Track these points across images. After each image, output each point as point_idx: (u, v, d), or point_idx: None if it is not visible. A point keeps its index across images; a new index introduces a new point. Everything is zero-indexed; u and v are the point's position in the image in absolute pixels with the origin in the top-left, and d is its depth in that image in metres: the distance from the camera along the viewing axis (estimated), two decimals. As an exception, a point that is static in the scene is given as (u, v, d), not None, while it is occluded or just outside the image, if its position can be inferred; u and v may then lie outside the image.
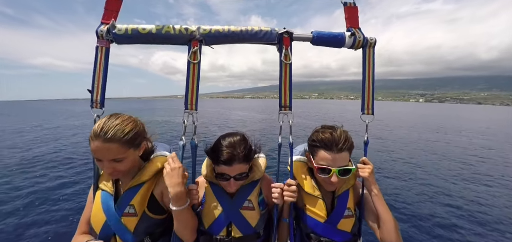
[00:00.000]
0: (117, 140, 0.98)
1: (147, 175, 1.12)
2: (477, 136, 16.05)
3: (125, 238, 1.08)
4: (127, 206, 1.09)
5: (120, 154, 1.00)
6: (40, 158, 8.75)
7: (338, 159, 1.12)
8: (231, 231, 1.20)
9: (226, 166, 1.11)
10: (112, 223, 1.08)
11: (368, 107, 1.25)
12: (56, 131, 15.89)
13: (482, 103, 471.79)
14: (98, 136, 0.96)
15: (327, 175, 1.14)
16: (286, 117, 1.18)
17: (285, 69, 1.15)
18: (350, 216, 1.23)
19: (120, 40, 1.08)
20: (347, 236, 1.23)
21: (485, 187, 6.37)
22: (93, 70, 1.10)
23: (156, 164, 1.16)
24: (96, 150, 0.97)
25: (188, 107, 1.10)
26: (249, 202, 1.22)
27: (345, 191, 1.25)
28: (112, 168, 1.00)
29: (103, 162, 0.99)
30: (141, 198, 1.11)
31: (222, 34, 1.11)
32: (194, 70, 1.10)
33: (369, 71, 1.24)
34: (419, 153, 10.68)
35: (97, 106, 1.10)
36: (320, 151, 1.16)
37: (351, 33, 1.19)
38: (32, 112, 37.83)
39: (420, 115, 39.60)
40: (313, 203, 1.25)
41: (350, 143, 1.15)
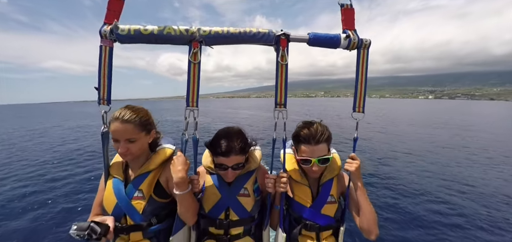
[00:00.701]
0: (132, 122, 1.18)
1: (154, 164, 1.28)
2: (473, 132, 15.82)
3: (135, 218, 1.25)
4: (136, 191, 1.26)
5: (134, 134, 1.19)
6: (66, 154, 9.96)
7: (316, 150, 1.27)
8: (229, 214, 1.34)
9: (224, 157, 1.24)
10: (123, 205, 1.25)
11: (359, 106, 1.31)
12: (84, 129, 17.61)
13: (494, 99, 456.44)
14: (117, 118, 1.17)
15: (309, 165, 1.29)
16: (281, 115, 1.25)
17: (281, 69, 1.20)
18: (333, 202, 1.37)
19: (123, 40, 1.13)
20: (331, 220, 1.38)
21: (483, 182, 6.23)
22: (99, 69, 1.16)
23: (161, 155, 1.33)
24: (115, 130, 1.16)
25: (189, 105, 1.17)
26: (245, 190, 1.36)
27: (329, 180, 1.39)
28: (126, 148, 1.18)
29: (120, 142, 1.17)
30: (148, 184, 1.27)
31: (221, 35, 1.16)
32: (195, 70, 1.16)
33: (362, 72, 1.27)
34: (414, 149, 10.81)
35: (104, 103, 1.18)
36: (300, 145, 1.32)
37: (346, 35, 1.22)
38: (48, 114, 39.23)
39: (418, 112, 38.47)
40: (300, 190, 1.40)
41: (327, 135, 1.30)
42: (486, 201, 5.47)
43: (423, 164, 8.58)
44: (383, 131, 16.67)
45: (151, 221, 1.28)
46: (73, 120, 26.29)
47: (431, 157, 9.51)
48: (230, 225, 1.34)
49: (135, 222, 1.25)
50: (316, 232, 1.37)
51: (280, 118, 1.25)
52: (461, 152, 10.50)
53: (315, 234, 1.37)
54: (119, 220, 1.26)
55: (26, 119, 29.92)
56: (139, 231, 1.26)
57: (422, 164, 8.57)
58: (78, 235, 1.04)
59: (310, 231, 1.37)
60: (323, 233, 1.37)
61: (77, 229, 1.04)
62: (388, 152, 10.36)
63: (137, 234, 1.26)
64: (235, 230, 1.36)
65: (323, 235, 1.38)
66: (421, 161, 8.91)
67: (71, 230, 1.04)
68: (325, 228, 1.37)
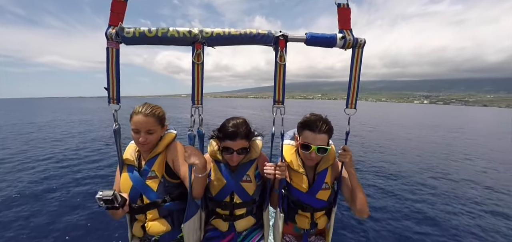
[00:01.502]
0: (153, 115, 1.38)
1: (161, 147, 1.45)
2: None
3: (150, 196, 1.41)
4: (150, 171, 1.42)
5: (154, 126, 1.38)
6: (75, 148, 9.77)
7: (318, 139, 1.42)
8: (233, 198, 1.53)
9: (231, 141, 1.42)
10: (139, 186, 1.40)
11: (352, 103, 1.37)
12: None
13: (487, 105, 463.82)
14: (140, 112, 1.35)
15: (308, 151, 1.44)
16: (279, 111, 1.32)
17: (279, 69, 1.25)
18: (327, 188, 1.55)
19: (128, 42, 1.17)
20: (324, 203, 1.57)
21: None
22: (107, 70, 1.20)
23: (166, 138, 1.50)
24: (137, 122, 1.34)
25: (195, 103, 1.24)
26: (247, 176, 1.54)
27: (324, 169, 1.56)
28: (146, 138, 1.35)
29: (140, 132, 1.34)
30: (159, 165, 1.43)
31: (222, 36, 1.21)
32: (198, 70, 1.21)
33: (356, 71, 1.32)
34: (400, 146, 11.59)
35: (114, 102, 1.24)
36: (305, 130, 1.47)
37: (342, 35, 1.26)
38: (47, 109, 38.62)
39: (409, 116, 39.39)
40: (298, 177, 1.57)
41: (329, 128, 1.45)
42: (456, 192, 5.98)
43: (406, 158, 9.47)
44: (373, 130, 17.56)
45: (165, 198, 1.43)
46: (76, 115, 26.14)
47: (412, 153, 10.33)
48: (235, 206, 1.54)
49: (151, 199, 1.40)
50: (311, 212, 1.58)
51: (278, 115, 1.33)
52: (442, 149, 11.43)
53: (310, 214, 1.58)
54: (135, 201, 1.41)
55: (27, 113, 29.48)
56: (154, 209, 1.42)
57: (404, 158, 9.45)
58: (103, 196, 1.19)
59: (305, 211, 1.58)
60: (317, 213, 1.59)
61: (103, 194, 1.19)
62: (376, 147, 10.93)
63: (153, 211, 1.42)
64: (239, 211, 1.56)
65: (317, 215, 1.59)
66: (405, 156, 9.79)
67: (97, 195, 1.20)
68: (319, 209, 1.58)
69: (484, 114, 64.19)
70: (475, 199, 5.51)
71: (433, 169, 7.89)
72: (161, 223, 1.43)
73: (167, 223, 1.45)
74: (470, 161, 9.43)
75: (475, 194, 5.81)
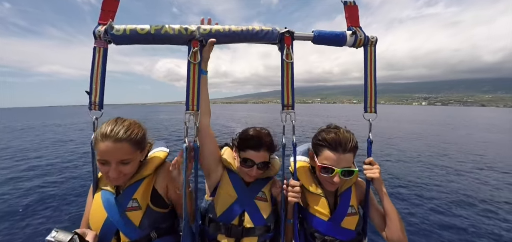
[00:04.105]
0: (127, 140, 0.99)
1: (148, 170, 1.12)
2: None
3: (130, 234, 1.04)
4: (130, 200, 1.07)
5: (129, 154, 1.00)
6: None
7: (343, 160, 1.12)
8: (243, 220, 1.20)
9: (254, 151, 1.19)
10: (115, 219, 1.04)
11: (371, 106, 1.22)
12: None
13: (485, 105, 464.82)
14: (108, 136, 0.96)
15: (330, 174, 1.13)
16: (289, 117, 1.15)
17: (287, 68, 1.13)
18: (353, 213, 1.22)
19: (118, 41, 1.06)
20: (352, 234, 1.21)
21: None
22: (91, 72, 1.07)
23: (155, 160, 1.18)
24: (106, 151, 0.96)
25: (189, 108, 1.07)
26: (263, 193, 1.26)
27: (347, 189, 1.25)
28: (118, 172, 0.99)
29: (111, 164, 0.97)
30: (143, 191, 1.09)
31: (222, 34, 1.09)
32: (195, 71, 1.07)
33: (371, 70, 1.21)
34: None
35: (95, 108, 1.07)
36: (324, 150, 1.16)
37: (352, 32, 1.17)
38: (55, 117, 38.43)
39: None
40: (316, 201, 1.24)
41: (355, 144, 1.15)
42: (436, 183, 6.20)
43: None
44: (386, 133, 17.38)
45: (151, 235, 1.09)
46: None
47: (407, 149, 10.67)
48: (243, 232, 1.19)
49: (131, 239, 1.04)
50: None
51: (288, 121, 1.15)
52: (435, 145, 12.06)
53: None
54: (108, 239, 1.04)
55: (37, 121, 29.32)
56: None
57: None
58: (57, 240, 0.86)
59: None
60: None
61: (57, 236, 0.86)
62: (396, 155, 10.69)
63: None
64: (248, 240, 1.20)
65: None
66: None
67: (50, 236, 0.86)
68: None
69: (477, 113, 65.01)
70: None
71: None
72: None
73: None
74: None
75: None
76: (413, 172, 7.41)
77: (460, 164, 8.50)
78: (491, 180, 6.61)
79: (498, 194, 5.54)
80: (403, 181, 6.40)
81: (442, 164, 8.44)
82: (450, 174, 7.13)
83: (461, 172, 7.36)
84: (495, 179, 6.72)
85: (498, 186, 6.07)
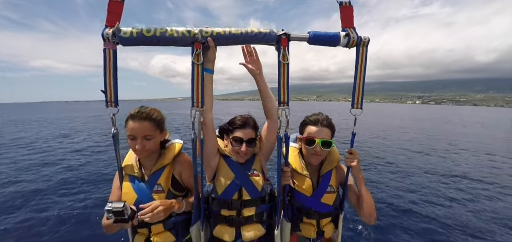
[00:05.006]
0: (150, 119, 1.30)
1: (167, 159, 1.41)
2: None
3: None
4: (155, 185, 1.36)
5: (151, 131, 1.30)
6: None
7: (322, 132, 1.44)
8: (242, 195, 1.44)
9: (241, 130, 1.44)
10: (145, 200, 1.32)
11: (358, 102, 1.32)
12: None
13: (477, 104, 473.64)
14: (135, 116, 1.27)
15: (313, 145, 1.44)
16: (284, 113, 1.25)
17: (283, 68, 1.21)
18: (332, 192, 1.50)
19: (125, 43, 1.12)
20: (330, 208, 1.51)
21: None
22: (104, 72, 1.15)
23: (173, 150, 1.46)
24: (133, 127, 1.26)
25: (194, 105, 1.19)
26: (254, 170, 1.49)
27: (328, 171, 1.53)
28: (143, 145, 1.27)
29: (136, 139, 1.27)
30: (165, 178, 1.39)
31: (223, 36, 1.17)
32: (198, 71, 1.16)
33: (361, 69, 1.28)
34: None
35: (112, 105, 1.17)
36: (308, 126, 1.50)
37: (346, 33, 1.23)
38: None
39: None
40: (301, 181, 1.52)
41: (331, 123, 1.49)
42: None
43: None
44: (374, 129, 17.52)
45: (171, 213, 1.37)
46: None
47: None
48: (242, 205, 1.43)
49: None
50: (317, 219, 1.51)
51: (283, 116, 1.26)
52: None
53: (315, 221, 1.51)
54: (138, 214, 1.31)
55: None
56: (160, 223, 1.37)
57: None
58: (114, 208, 1.10)
59: (311, 218, 1.51)
60: (323, 220, 1.52)
61: (113, 205, 1.11)
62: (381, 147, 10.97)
63: (158, 226, 1.37)
64: (247, 210, 1.44)
65: (323, 222, 1.52)
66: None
67: (107, 206, 1.11)
68: (324, 215, 1.51)
69: (467, 111, 66.87)
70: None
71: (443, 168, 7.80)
72: (166, 235, 1.39)
73: (172, 235, 1.41)
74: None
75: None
76: (396, 160, 8.41)
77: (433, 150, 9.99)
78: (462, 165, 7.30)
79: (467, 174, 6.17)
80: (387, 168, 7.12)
81: (419, 152, 9.56)
82: (424, 163, 7.99)
83: (434, 163, 8.09)
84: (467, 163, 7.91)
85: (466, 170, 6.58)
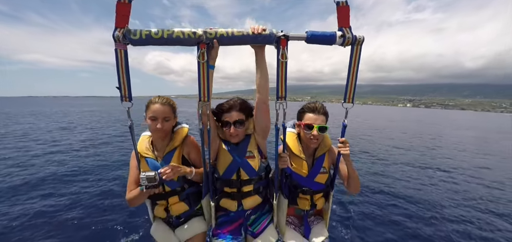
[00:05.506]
0: (169, 104, 1.57)
1: (177, 141, 1.66)
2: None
3: (172, 185, 1.67)
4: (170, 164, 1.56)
5: (170, 114, 1.57)
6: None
7: (318, 119, 1.63)
8: (240, 175, 1.63)
9: (227, 113, 1.56)
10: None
11: (349, 98, 1.45)
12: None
13: (465, 109, 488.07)
14: (157, 102, 1.54)
15: (311, 130, 1.63)
16: (282, 106, 1.38)
17: (281, 66, 1.32)
18: (324, 172, 1.75)
19: (135, 43, 1.22)
20: (322, 186, 1.77)
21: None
22: (117, 71, 1.26)
23: (181, 132, 1.71)
24: (156, 110, 1.51)
25: (201, 99, 1.34)
26: (250, 153, 1.64)
27: (322, 155, 1.76)
28: (163, 125, 1.52)
29: (158, 119, 1.51)
30: (177, 157, 1.64)
31: (225, 37, 1.27)
32: (204, 68, 1.29)
33: (354, 67, 1.38)
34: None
35: (126, 100, 1.32)
36: (306, 113, 1.69)
37: (341, 33, 1.31)
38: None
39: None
40: (298, 163, 1.74)
41: (326, 111, 1.68)
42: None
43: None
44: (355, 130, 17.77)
45: (184, 186, 1.70)
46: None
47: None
48: (242, 183, 1.63)
49: (172, 188, 1.66)
50: (310, 195, 1.77)
51: (281, 109, 1.39)
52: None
53: (309, 196, 1.77)
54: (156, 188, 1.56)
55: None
56: (175, 195, 1.68)
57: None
58: (147, 176, 1.45)
59: (305, 194, 1.77)
60: (316, 195, 1.78)
61: (146, 174, 1.45)
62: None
63: (174, 197, 1.68)
64: (246, 187, 1.65)
65: (316, 197, 1.79)
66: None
67: (141, 175, 1.45)
68: (317, 192, 1.77)
69: (453, 115, 68.68)
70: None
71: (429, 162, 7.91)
72: (181, 205, 1.71)
73: (185, 204, 1.73)
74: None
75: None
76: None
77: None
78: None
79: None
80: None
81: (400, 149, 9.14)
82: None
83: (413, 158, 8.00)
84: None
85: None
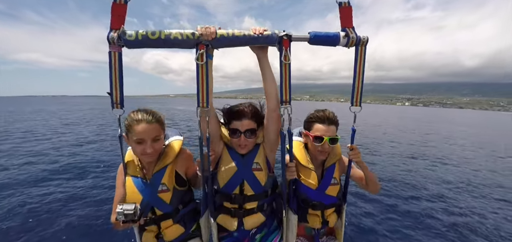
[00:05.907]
0: (157, 121, 1.30)
1: (169, 158, 1.40)
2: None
3: (164, 209, 1.40)
4: (160, 185, 1.36)
5: (159, 133, 1.30)
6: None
7: (329, 130, 1.50)
8: (244, 189, 1.43)
9: (238, 121, 1.38)
10: (151, 200, 1.36)
11: (357, 101, 1.37)
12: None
13: (463, 107, 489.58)
14: (141, 120, 1.24)
15: (321, 142, 1.49)
16: (287, 111, 1.29)
17: (285, 68, 1.24)
18: (336, 184, 1.58)
19: (130, 45, 1.13)
20: (334, 199, 1.59)
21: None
22: (110, 75, 1.16)
23: (174, 148, 1.45)
24: (142, 131, 1.23)
25: (200, 105, 1.22)
26: (257, 164, 1.45)
27: (332, 164, 1.59)
28: (152, 147, 1.26)
29: (146, 142, 1.25)
30: (169, 176, 1.40)
31: (226, 38, 1.20)
32: (202, 71, 1.19)
33: (360, 69, 1.32)
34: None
35: (118, 106, 1.20)
36: (315, 124, 1.53)
37: (345, 34, 1.26)
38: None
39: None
40: (307, 174, 1.57)
41: (337, 120, 1.55)
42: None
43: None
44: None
45: (178, 208, 1.44)
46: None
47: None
48: (245, 199, 1.43)
49: (165, 212, 1.40)
50: (321, 211, 1.58)
51: (286, 114, 1.29)
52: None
53: (320, 212, 1.58)
54: (146, 214, 1.37)
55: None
56: (169, 219, 1.42)
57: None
58: (125, 210, 1.15)
59: (316, 210, 1.57)
60: (327, 211, 1.59)
61: (124, 208, 1.16)
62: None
63: (167, 221, 1.42)
64: (249, 204, 1.45)
65: (327, 213, 1.59)
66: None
67: (118, 209, 1.17)
68: (329, 206, 1.58)
69: (450, 114, 69.18)
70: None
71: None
72: (176, 228, 1.46)
73: (181, 226, 1.47)
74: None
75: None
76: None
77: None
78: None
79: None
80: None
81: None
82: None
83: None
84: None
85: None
